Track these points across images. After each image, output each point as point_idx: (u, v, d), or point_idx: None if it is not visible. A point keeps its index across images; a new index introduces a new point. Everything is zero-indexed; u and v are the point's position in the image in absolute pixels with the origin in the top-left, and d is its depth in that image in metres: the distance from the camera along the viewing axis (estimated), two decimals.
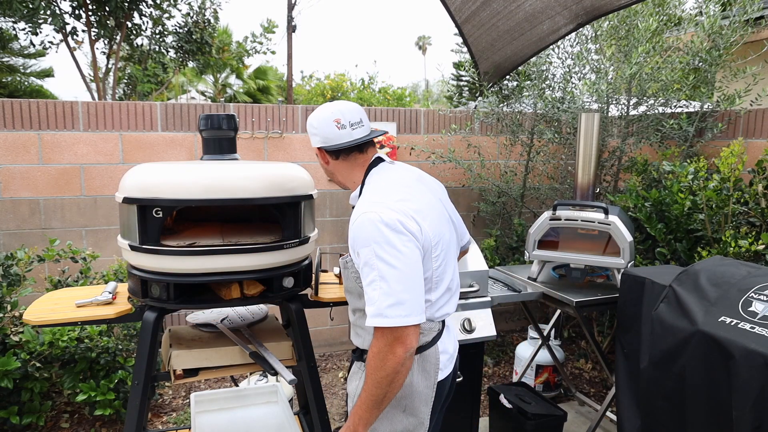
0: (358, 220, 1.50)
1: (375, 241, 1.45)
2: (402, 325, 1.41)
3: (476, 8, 3.64)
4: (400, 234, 1.45)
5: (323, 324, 4.40)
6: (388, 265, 1.43)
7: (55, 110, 3.66)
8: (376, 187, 1.62)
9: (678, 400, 2.06)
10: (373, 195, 1.57)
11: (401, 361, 1.43)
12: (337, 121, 1.65)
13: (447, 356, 1.70)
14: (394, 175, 1.66)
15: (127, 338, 3.25)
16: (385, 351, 1.43)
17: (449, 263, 1.64)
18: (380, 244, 1.44)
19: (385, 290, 1.42)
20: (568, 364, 4.23)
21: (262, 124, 4.09)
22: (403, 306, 1.41)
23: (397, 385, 1.47)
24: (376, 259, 1.44)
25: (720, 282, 2.09)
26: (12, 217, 3.65)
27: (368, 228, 1.46)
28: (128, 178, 1.91)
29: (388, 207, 1.49)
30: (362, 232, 1.48)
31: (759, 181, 2.93)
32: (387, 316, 1.41)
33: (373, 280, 1.44)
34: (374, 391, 1.46)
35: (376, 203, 1.52)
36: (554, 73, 4.42)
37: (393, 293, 1.41)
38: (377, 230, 1.45)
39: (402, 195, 1.56)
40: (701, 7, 3.95)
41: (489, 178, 4.51)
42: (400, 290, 1.42)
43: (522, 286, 2.94)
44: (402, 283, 1.43)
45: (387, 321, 1.41)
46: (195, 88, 16.07)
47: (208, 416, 2.44)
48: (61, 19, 6.91)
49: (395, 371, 1.43)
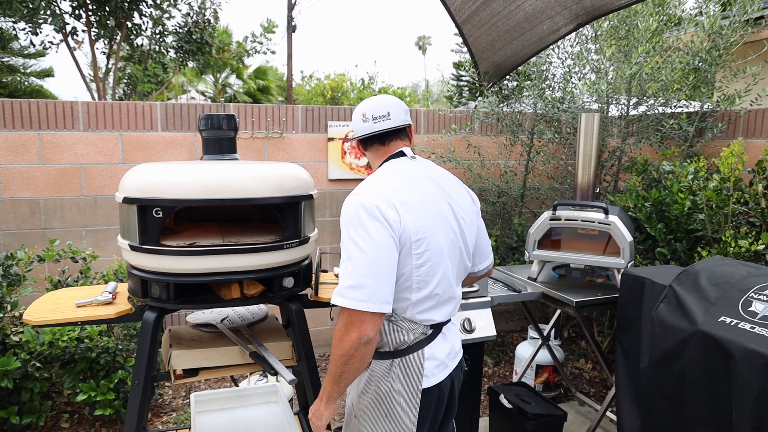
0: (345, 201, 1.56)
1: (351, 222, 1.49)
2: (357, 309, 1.42)
3: (476, 8, 3.64)
4: (374, 219, 1.47)
5: (323, 324, 4.40)
6: (357, 247, 1.46)
7: (55, 110, 3.66)
8: (377, 175, 1.64)
9: (678, 400, 2.06)
10: (369, 180, 1.61)
11: (354, 345, 1.44)
12: (363, 115, 1.71)
13: (435, 363, 1.63)
14: (402, 167, 1.66)
15: (127, 338, 3.25)
16: (342, 331, 1.45)
17: (438, 269, 1.57)
18: (355, 226, 1.48)
19: (349, 271, 1.45)
20: (568, 364, 4.23)
21: (262, 124, 4.09)
22: (361, 290, 1.42)
23: (353, 368, 1.48)
24: (349, 240, 1.48)
25: (720, 282, 2.09)
26: (12, 217, 3.65)
27: (349, 209, 1.52)
28: (128, 178, 1.91)
29: (373, 192, 1.52)
30: (345, 212, 1.53)
31: (759, 181, 2.93)
32: (344, 296, 1.43)
33: (343, 260, 1.49)
34: (332, 368, 1.50)
35: (364, 188, 1.56)
36: (554, 73, 4.42)
37: (355, 275, 1.44)
38: (356, 212, 1.49)
39: (395, 185, 1.57)
40: (701, 7, 3.95)
41: (489, 178, 4.51)
42: (361, 273, 1.43)
43: (522, 286, 2.94)
44: (366, 267, 1.44)
45: (343, 301, 1.43)
46: (195, 88, 16.06)
47: (208, 416, 2.44)
48: (61, 19, 6.91)
49: (348, 354, 1.45)
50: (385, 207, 1.49)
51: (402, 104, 1.75)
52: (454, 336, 1.77)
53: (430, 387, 1.62)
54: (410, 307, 1.57)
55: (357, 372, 1.51)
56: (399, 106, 1.73)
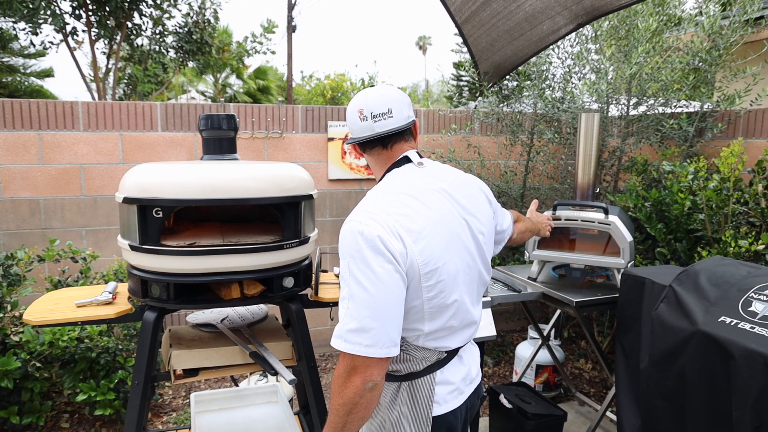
0: (344, 226, 1.37)
1: (351, 255, 1.31)
2: (362, 355, 1.26)
3: (476, 8, 3.64)
4: (377, 254, 1.28)
5: (323, 324, 4.40)
6: (359, 285, 1.28)
7: (55, 110, 3.66)
8: (379, 192, 1.43)
9: (678, 400, 2.06)
10: (369, 201, 1.41)
11: (359, 392, 1.27)
12: (360, 112, 1.48)
13: (449, 388, 1.48)
14: (409, 182, 1.45)
15: (127, 338, 3.25)
16: (343, 377, 1.29)
17: (452, 297, 1.40)
18: (356, 260, 1.30)
19: (351, 312, 1.28)
20: (568, 364, 4.23)
21: (262, 124, 4.09)
22: (366, 334, 1.26)
23: (357, 417, 1.31)
24: (350, 275, 1.30)
25: (720, 282, 2.09)
26: (12, 217, 3.65)
27: (348, 239, 1.33)
28: (128, 178, 1.91)
29: (374, 219, 1.33)
30: (343, 241, 1.35)
31: (759, 181, 2.93)
32: (347, 341, 1.27)
33: (344, 297, 1.31)
34: (332, 418, 1.32)
35: (365, 211, 1.36)
36: (554, 73, 4.42)
37: (358, 317, 1.27)
38: (355, 244, 1.31)
39: (400, 208, 1.37)
40: (701, 7, 3.95)
41: (489, 178, 4.51)
42: (365, 316, 1.26)
43: (522, 286, 2.94)
44: (370, 309, 1.27)
45: (346, 346, 1.26)
46: (195, 88, 16.07)
47: (208, 416, 2.44)
48: (61, 19, 6.92)
49: (352, 402, 1.28)
50: (388, 238, 1.30)
51: (404, 97, 1.52)
52: (473, 359, 1.60)
53: (442, 415, 1.46)
54: (422, 336, 1.42)
55: (362, 421, 1.33)
56: (402, 100, 1.50)
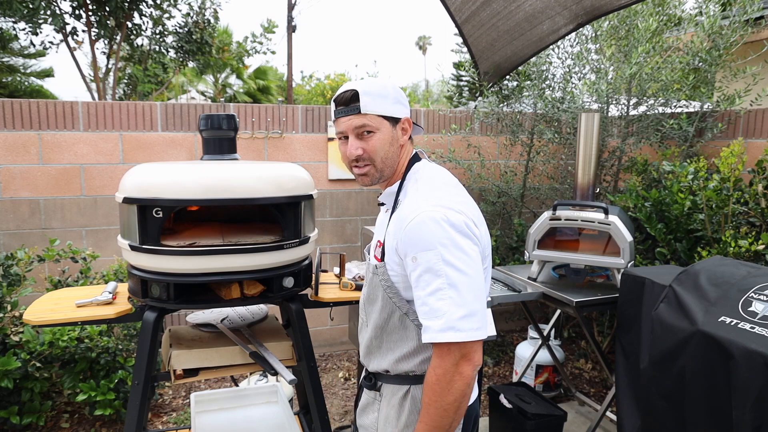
0: (417, 219, 1.29)
1: (441, 243, 1.26)
2: (472, 340, 1.24)
3: (476, 8, 3.64)
4: (466, 237, 1.29)
5: (323, 324, 4.40)
6: (458, 270, 1.25)
7: (55, 110, 3.66)
8: (428, 185, 1.41)
9: (678, 400, 2.06)
10: (430, 192, 1.37)
11: (469, 382, 1.26)
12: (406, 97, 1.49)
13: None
14: (444, 175, 1.47)
15: (127, 338, 3.25)
16: (451, 372, 1.25)
17: (488, 281, 1.47)
18: (447, 247, 1.26)
19: (455, 300, 1.24)
20: (568, 364, 4.23)
21: (262, 124, 4.09)
22: (474, 318, 1.25)
23: (463, 411, 1.29)
24: (443, 263, 1.25)
25: (720, 282, 2.09)
26: (12, 217, 3.65)
27: (433, 228, 1.27)
28: (128, 178, 1.91)
29: (450, 208, 1.31)
30: (424, 233, 1.27)
31: (759, 181, 2.93)
32: (460, 330, 1.23)
33: (439, 288, 1.25)
34: (440, 422, 1.27)
35: (435, 203, 1.32)
36: (554, 73, 4.42)
37: (465, 303, 1.25)
38: (444, 231, 1.27)
39: (458, 197, 1.39)
40: (701, 7, 3.95)
41: (489, 178, 4.51)
42: (471, 299, 1.25)
43: (522, 286, 2.94)
44: (473, 291, 1.27)
45: (460, 335, 1.23)
46: (195, 88, 16.07)
47: (208, 416, 2.44)
48: (61, 19, 6.92)
49: (463, 394, 1.26)
50: (469, 222, 1.32)
51: None
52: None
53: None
54: None
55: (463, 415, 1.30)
56: None
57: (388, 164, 1.45)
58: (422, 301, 1.29)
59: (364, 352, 1.56)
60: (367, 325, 1.53)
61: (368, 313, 1.52)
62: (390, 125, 1.43)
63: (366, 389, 1.57)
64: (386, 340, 1.47)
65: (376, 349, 1.50)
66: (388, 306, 1.43)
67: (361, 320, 1.61)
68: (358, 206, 4.45)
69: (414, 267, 1.30)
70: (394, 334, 1.45)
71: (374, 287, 1.47)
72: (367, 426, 1.55)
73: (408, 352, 1.43)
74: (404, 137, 1.46)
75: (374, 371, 1.53)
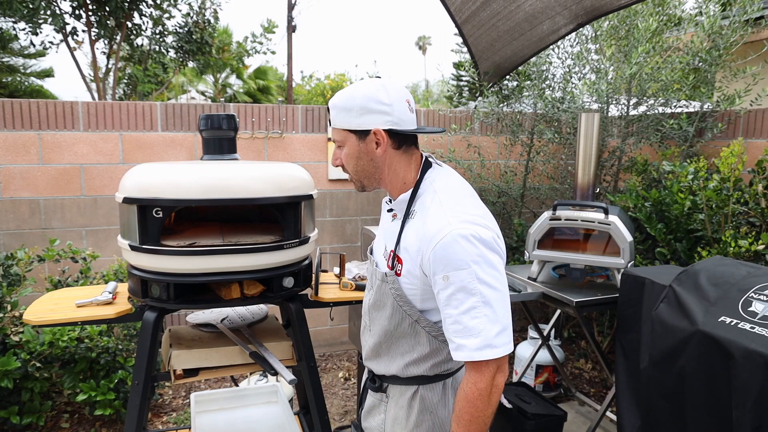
0: (448, 237, 1.27)
1: (475, 262, 1.26)
2: (506, 354, 1.28)
3: (476, 8, 3.64)
4: (495, 253, 1.30)
5: (323, 324, 4.40)
6: (491, 288, 1.27)
7: (55, 110, 3.66)
8: (451, 198, 1.37)
9: (678, 400, 2.06)
10: (455, 206, 1.34)
11: (500, 391, 1.30)
12: (408, 102, 1.39)
13: None
14: (463, 185, 1.45)
15: (127, 338, 3.25)
16: (490, 386, 1.28)
17: None
18: (480, 265, 1.26)
19: (491, 317, 1.26)
20: (568, 364, 4.23)
21: (262, 124, 4.09)
22: (507, 332, 1.28)
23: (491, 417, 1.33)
24: (478, 282, 1.25)
25: (720, 282, 2.09)
26: (12, 217, 3.65)
27: (466, 247, 1.26)
28: (128, 178, 1.91)
29: (478, 224, 1.30)
30: (458, 251, 1.26)
31: (759, 181, 2.93)
32: (496, 346, 1.25)
33: (474, 307, 1.26)
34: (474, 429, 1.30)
35: (464, 219, 1.30)
36: (554, 73, 4.42)
37: (499, 320, 1.27)
38: (476, 249, 1.26)
39: (479, 209, 1.38)
40: (701, 7, 3.95)
41: (489, 178, 4.51)
42: (503, 315, 1.28)
43: (522, 286, 2.94)
44: (505, 306, 1.29)
45: (497, 351, 1.26)
46: (195, 88, 16.07)
47: (208, 416, 2.44)
48: (61, 19, 6.91)
49: (497, 403, 1.30)
50: (496, 237, 1.33)
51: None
52: None
53: None
54: None
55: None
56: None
57: (364, 176, 1.44)
58: (454, 320, 1.28)
59: (370, 355, 1.55)
60: (371, 330, 1.53)
61: (374, 318, 1.51)
62: (356, 139, 1.38)
63: (371, 391, 1.56)
64: (395, 345, 1.46)
65: (384, 354, 1.50)
66: (398, 313, 1.42)
67: (364, 323, 1.60)
68: (358, 206, 4.45)
69: (445, 286, 1.28)
70: (403, 340, 1.45)
71: (383, 295, 1.45)
72: (373, 428, 1.55)
73: (418, 357, 1.43)
74: (378, 150, 1.38)
75: (380, 374, 1.53)
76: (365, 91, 1.35)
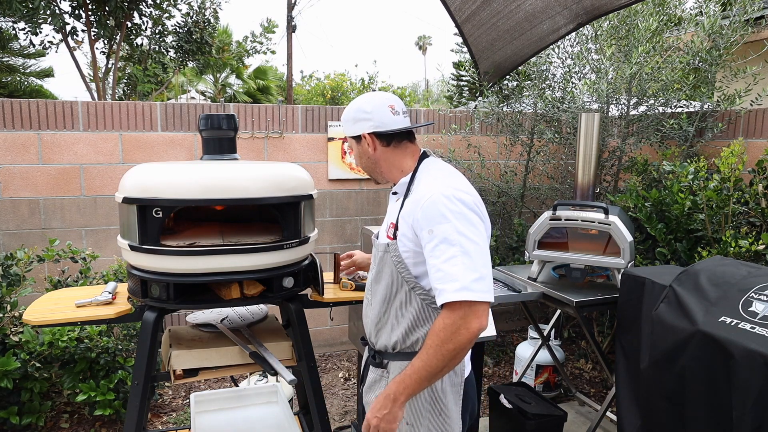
0: (433, 197, 1.48)
1: (455, 216, 1.45)
2: (482, 300, 1.40)
3: (476, 8, 3.64)
4: (473, 212, 1.49)
5: (323, 324, 4.40)
6: (469, 240, 1.44)
7: (55, 110, 3.66)
8: (441, 173, 1.61)
9: (678, 400, 2.06)
10: (443, 179, 1.56)
11: (472, 338, 1.40)
12: (391, 107, 1.65)
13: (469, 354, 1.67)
14: (452, 169, 1.67)
15: (127, 338, 3.25)
16: (458, 324, 1.40)
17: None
18: (460, 220, 1.45)
19: (468, 265, 1.41)
20: (568, 364, 4.22)
21: (262, 124, 4.09)
22: (484, 281, 1.42)
23: (455, 363, 1.45)
24: (457, 234, 1.43)
25: (720, 282, 2.09)
26: (12, 217, 3.65)
27: (448, 204, 1.46)
28: (128, 178, 1.91)
29: (460, 189, 1.51)
30: (440, 207, 1.46)
31: (759, 181, 2.93)
32: (473, 290, 1.39)
33: (454, 256, 1.42)
34: (434, 363, 1.42)
35: (448, 185, 1.52)
36: (554, 73, 4.42)
37: (476, 268, 1.42)
38: (456, 206, 1.46)
39: (467, 186, 1.58)
40: (701, 7, 3.95)
41: (489, 178, 4.51)
42: (481, 265, 1.43)
43: (522, 286, 2.94)
44: (482, 258, 1.44)
45: (473, 294, 1.39)
46: (195, 88, 16.06)
47: (208, 416, 2.44)
48: (61, 19, 6.91)
49: (462, 347, 1.40)
50: (477, 202, 1.53)
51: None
52: None
53: (467, 376, 1.66)
54: None
55: (452, 368, 1.49)
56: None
57: (370, 171, 1.75)
58: (437, 269, 1.43)
59: (373, 328, 1.70)
60: (371, 304, 1.69)
61: (374, 291, 1.67)
62: (356, 143, 1.71)
63: (372, 367, 1.70)
64: (394, 313, 1.62)
65: (383, 324, 1.65)
66: (396, 281, 1.59)
67: (366, 301, 1.76)
68: (358, 206, 4.45)
69: (430, 239, 1.46)
70: (402, 307, 1.60)
71: (383, 265, 1.62)
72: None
73: (415, 324, 1.58)
74: (370, 149, 1.67)
75: (381, 349, 1.67)
76: (355, 105, 1.67)
